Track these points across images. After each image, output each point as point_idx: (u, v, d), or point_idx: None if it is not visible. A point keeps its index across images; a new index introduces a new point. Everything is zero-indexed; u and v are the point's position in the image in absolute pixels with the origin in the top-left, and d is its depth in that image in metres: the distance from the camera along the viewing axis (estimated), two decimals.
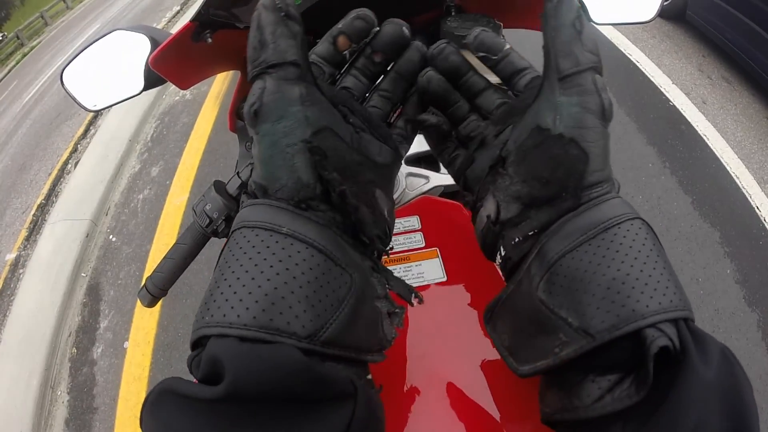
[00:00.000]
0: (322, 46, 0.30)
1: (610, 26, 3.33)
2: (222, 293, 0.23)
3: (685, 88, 3.03)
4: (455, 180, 0.36)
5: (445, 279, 0.44)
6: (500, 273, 0.33)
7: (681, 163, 2.53)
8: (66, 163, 3.64)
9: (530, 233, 0.28)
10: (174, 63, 0.65)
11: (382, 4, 0.44)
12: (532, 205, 0.28)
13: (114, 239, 2.61)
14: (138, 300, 0.71)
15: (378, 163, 0.31)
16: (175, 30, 0.65)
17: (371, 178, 0.30)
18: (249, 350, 0.21)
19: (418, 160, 0.60)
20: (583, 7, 0.70)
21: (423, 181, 0.56)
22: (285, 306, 0.22)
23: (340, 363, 0.25)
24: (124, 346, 2.08)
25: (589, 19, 0.72)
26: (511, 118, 0.31)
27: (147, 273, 2.44)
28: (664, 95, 2.94)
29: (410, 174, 0.57)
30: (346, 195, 0.26)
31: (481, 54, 0.33)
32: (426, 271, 0.45)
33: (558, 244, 0.26)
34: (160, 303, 0.79)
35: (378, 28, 0.31)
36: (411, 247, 0.47)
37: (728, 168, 2.53)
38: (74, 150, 3.76)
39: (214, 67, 0.77)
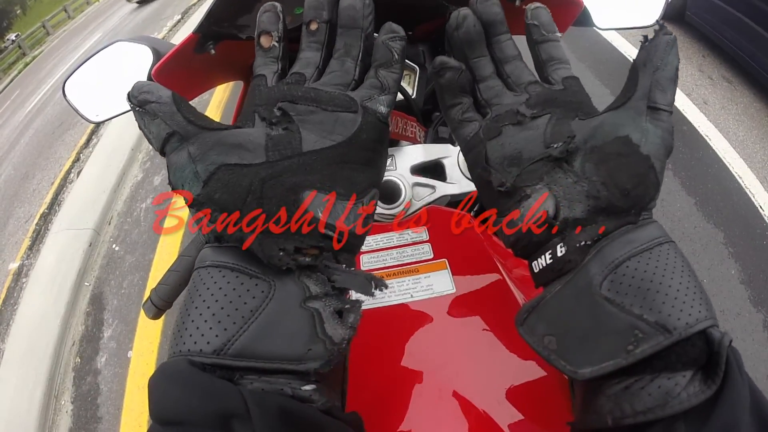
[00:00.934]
0: (257, 56, 0.31)
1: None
2: (175, 326, 0.25)
3: (686, 89, 3.03)
4: (461, 144, 0.34)
5: (454, 290, 0.43)
6: (532, 274, 0.31)
7: (683, 164, 2.53)
8: (68, 172, 3.65)
9: (596, 238, 0.28)
10: (176, 74, 0.65)
11: (383, 14, 0.44)
12: (605, 211, 0.28)
13: (117, 248, 2.61)
14: (142, 311, 0.72)
15: (325, 150, 0.28)
16: (176, 40, 0.65)
17: (294, 182, 0.27)
18: (160, 374, 0.23)
19: (424, 170, 0.60)
20: (586, 12, 0.70)
21: (429, 191, 0.56)
22: (193, 328, 0.24)
23: (263, 375, 0.24)
24: (128, 355, 2.08)
25: (593, 24, 0.72)
26: (550, 107, 0.31)
27: (150, 282, 2.46)
28: None
29: (416, 184, 0.56)
30: (237, 233, 0.26)
31: (533, 23, 0.33)
32: (435, 283, 0.44)
33: (620, 249, 0.27)
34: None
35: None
36: (419, 259, 0.47)
37: (731, 168, 2.52)
38: (77, 159, 3.77)
39: (217, 78, 0.77)
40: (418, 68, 0.66)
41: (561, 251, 0.28)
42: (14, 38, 10.49)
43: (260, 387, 0.24)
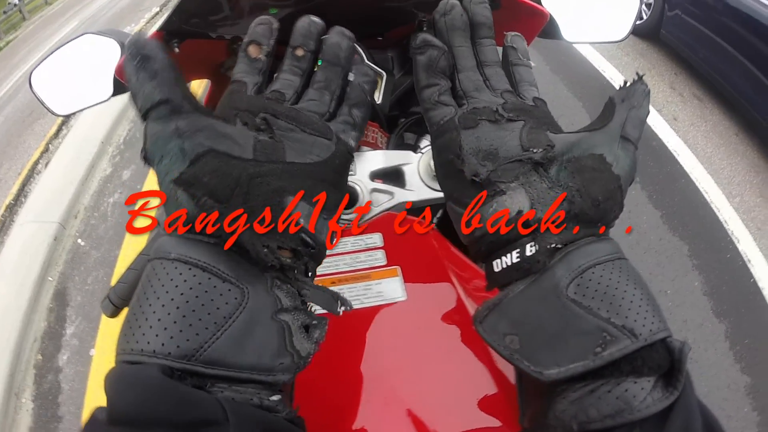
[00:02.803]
0: (240, 62, 0.32)
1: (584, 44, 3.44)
2: (127, 322, 0.24)
3: (657, 105, 3.11)
4: (431, 127, 0.34)
5: (405, 298, 0.43)
6: (490, 274, 0.31)
7: (651, 178, 2.60)
8: (36, 162, 3.54)
9: (566, 243, 0.28)
10: None
11: (354, 21, 0.44)
12: (576, 218, 0.29)
13: (82, 243, 2.54)
14: (101, 310, 0.70)
15: (306, 164, 0.29)
16: (151, 33, 0.64)
17: (279, 186, 0.27)
18: (120, 373, 0.22)
19: (384, 176, 0.60)
20: (554, 24, 0.71)
21: (387, 197, 0.56)
22: (161, 328, 0.23)
23: (233, 384, 0.24)
24: (91, 353, 2.03)
25: (561, 38, 0.73)
26: (525, 116, 0.32)
27: (115, 279, 2.36)
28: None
29: (374, 190, 0.56)
30: (218, 218, 0.26)
31: (511, 46, 0.35)
32: (386, 290, 0.44)
33: (585, 256, 0.27)
34: (124, 312, 0.78)
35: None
36: (372, 265, 0.46)
37: (697, 183, 2.60)
38: (45, 150, 3.66)
39: (184, 76, 0.76)
40: (385, 74, 0.66)
41: (531, 251, 0.28)
42: (17, 2, 10.10)
43: (230, 396, 0.23)
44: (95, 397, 1.88)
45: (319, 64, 0.33)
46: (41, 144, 3.77)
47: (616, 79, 3.25)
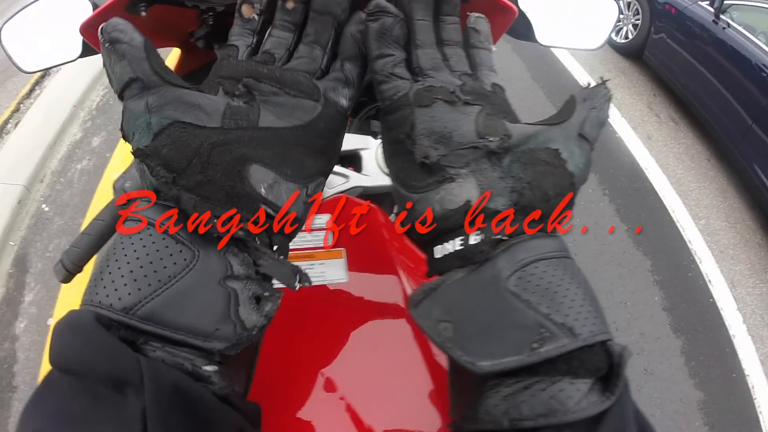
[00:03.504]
0: (235, 25, 0.31)
1: (567, 54, 3.46)
2: (91, 276, 0.25)
3: (632, 122, 3.18)
4: (383, 102, 0.31)
5: (346, 281, 0.43)
6: (431, 260, 0.30)
7: (620, 192, 2.65)
8: (6, 122, 3.40)
9: (512, 235, 0.27)
10: None
11: None
12: (524, 211, 0.28)
13: (47, 209, 2.46)
14: (54, 274, 0.68)
15: (281, 129, 0.28)
16: None
17: (242, 153, 0.27)
18: (64, 318, 0.23)
19: (341, 159, 0.59)
20: (529, 26, 0.70)
21: (342, 180, 0.56)
22: (109, 281, 0.24)
23: (167, 345, 0.24)
24: (48, 322, 1.97)
25: (535, 40, 0.72)
26: (483, 101, 0.30)
27: (66, 249, 2.30)
28: (611, 126, 3.07)
29: None
30: (168, 185, 0.26)
31: (473, 28, 0.33)
32: (328, 270, 0.44)
33: (530, 251, 0.27)
34: (83, 280, 0.76)
35: None
36: (317, 245, 0.46)
37: (665, 202, 2.68)
38: (16, 110, 3.51)
39: (152, 42, 0.74)
40: None
41: (475, 240, 0.28)
42: None
43: (161, 357, 0.23)
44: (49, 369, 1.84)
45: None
46: (12, 103, 3.63)
47: None
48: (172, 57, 3.12)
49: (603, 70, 3.62)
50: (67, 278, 0.67)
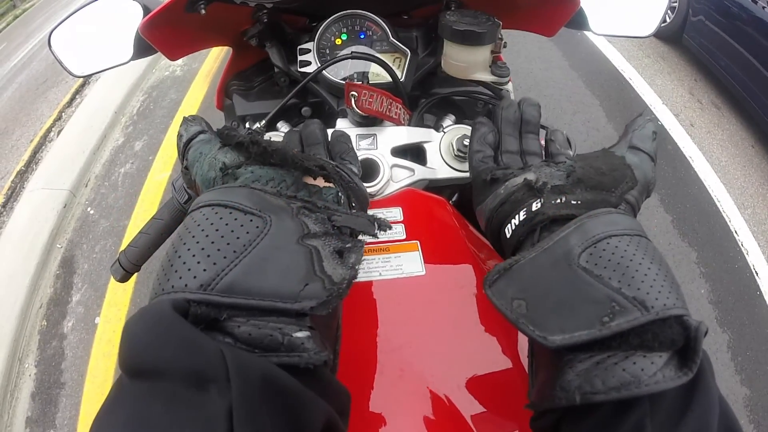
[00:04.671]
0: None
1: (605, 41, 3.38)
2: (161, 268, 0.24)
3: (674, 110, 3.08)
4: (471, 171, 0.41)
5: (423, 273, 0.43)
6: (504, 243, 0.35)
7: (664, 181, 2.58)
8: (49, 130, 3.55)
9: (573, 202, 0.30)
10: (164, 32, 0.63)
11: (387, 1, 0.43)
12: (582, 183, 0.31)
13: (92, 212, 2.55)
14: (111, 275, 0.70)
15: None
16: None
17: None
18: (136, 314, 0.21)
19: (405, 152, 0.59)
20: (583, 15, 0.70)
21: (408, 173, 0.55)
22: (180, 263, 0.23)
23: (253, 316, 0.22)
24: (96, 321, 2.04)
25: (589, 29, 0.73)
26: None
27: (123, 249, 2.38)
28: (653, 114, 2.99)
29: (395, 165, 0.56)
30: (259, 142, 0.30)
31: (550, 139, 0.40)
32: (405, 263, 0.44)
33: (602, 227, 0.27)
34: (133, 279, 0.77)
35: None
36: (392, 239, 0.46)
37: (710, 191, 2.58)
38: (58, 118, 3.66)
39: (206, 41, 0.76)
40: (409, 52, 0.66)
41: (536, 206, 0.31)
42: None
43: (248, 331, 0.22)
44: (98, 365, 1.90)
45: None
46: (54, 112, 3.78)
47: (635, 79, 3.21)
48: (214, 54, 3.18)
49: (641, 56, 3.50)
50: (125, 277, 0.69)
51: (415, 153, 0.60)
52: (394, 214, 0.49)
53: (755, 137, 3.03)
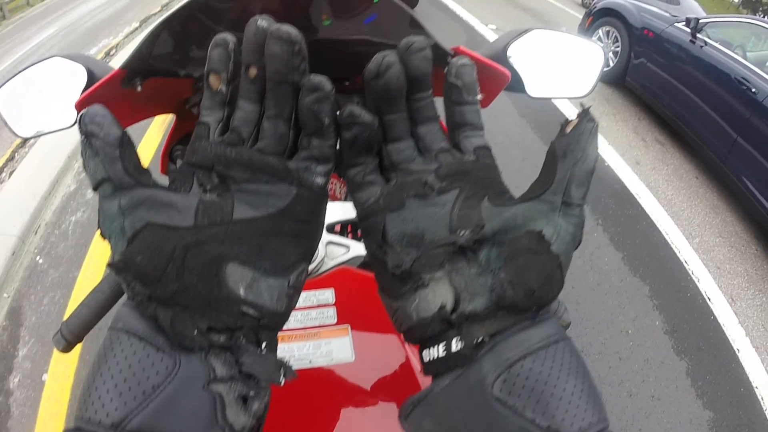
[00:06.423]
0: (204, 98, 0.29)
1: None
2: (83, 387, 0.24)
3: (620, 149, 3.22)
4: (357, 208, 0.30)
5: (353, 359, 0.43)
6: (422, 363, 0.28)
7: (613, 220, 2.67)
8: (1, 171, 3.42)
9: (493, 334, 0.26)
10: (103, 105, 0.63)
11: (319, 62, 0.43)
12: (506, 309, 0.26)
13: (41, 261, 2.44)
14: (53, 344, 0.68)
15: (255, 220, 0.27)
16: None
17: (218, 254, 0.26)
18: None
19: (341, 228, 0.59)
20: (519, 79, 0.71)
21: (343, 250, 0.55)
22: (96, 396, 0.23)
23: None
24: (43, 378, 1.92)
25: (525, 92, 0.73)
26: (461, 180, 0.29)
27: (72, 301, 2.29)
28: (600, 155, 3.12)
29: (330, 242, 0.55)
30: (144, 302, 0.25)
31: (455, 82, 0.30)
32: (335, 349, 0.43)
33: (515, 347, 0.25)
34: None
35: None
36: (322, 323, 0.46)
37: (658, 225, 2.69)
38: (11, 158, 3.54)
39: (147, 112, 0.76)
40: None
41: (456, 346, 0.26)
42: None
43: None
44: (46, 426, 1.78)
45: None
46: (7, 152, 3.65)
47: None
48: (157, 122, 3.16)
49: (587, 100, 3.66)
50: (67, 348, 0.67)
51: (350, 228, 0.59)
52: (327, 296, 0.48)
53: (699, 169, 3.21)
